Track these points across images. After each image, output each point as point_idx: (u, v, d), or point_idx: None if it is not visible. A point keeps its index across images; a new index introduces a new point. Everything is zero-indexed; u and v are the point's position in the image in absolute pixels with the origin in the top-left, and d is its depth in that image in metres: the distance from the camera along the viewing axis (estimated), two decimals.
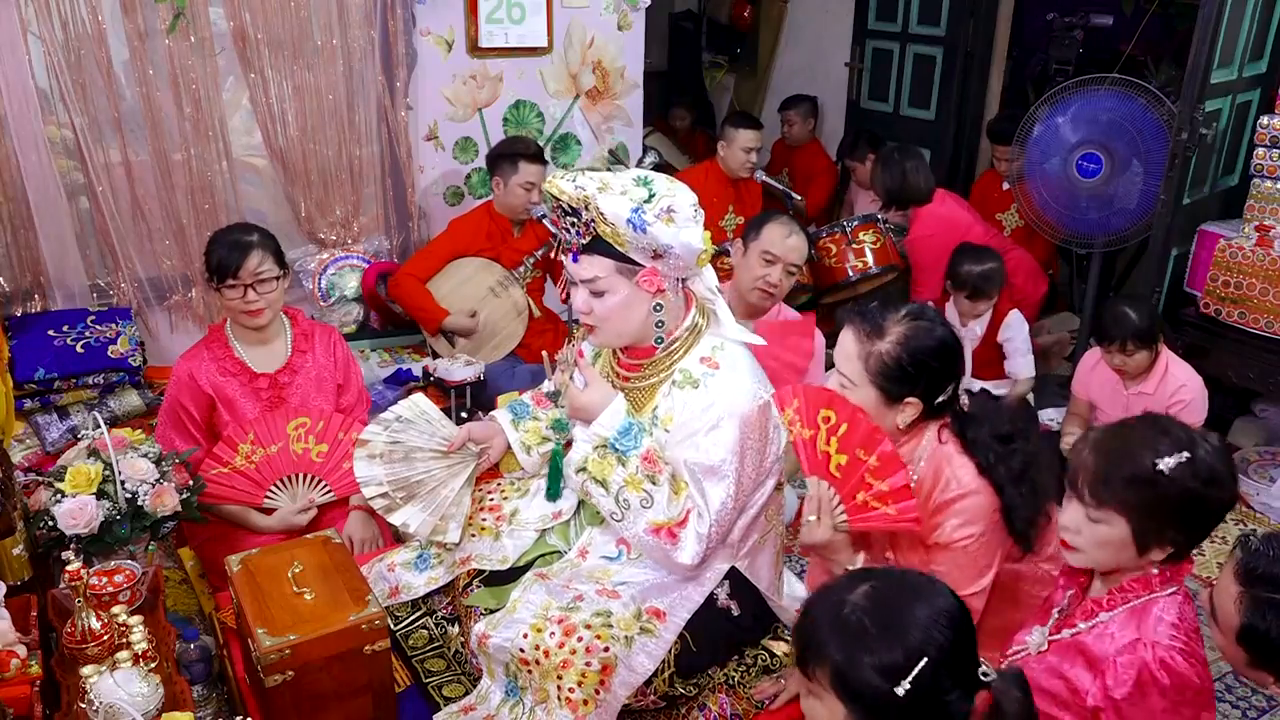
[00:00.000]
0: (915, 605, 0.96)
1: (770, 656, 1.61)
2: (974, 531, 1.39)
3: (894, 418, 1.43)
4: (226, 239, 2.00)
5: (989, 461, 1.40)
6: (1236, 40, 2.63)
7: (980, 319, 2.91)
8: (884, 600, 0.97)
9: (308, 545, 1.65)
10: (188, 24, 2.62)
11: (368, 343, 3.02)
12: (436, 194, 3.21)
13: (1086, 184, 2.82)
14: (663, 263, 1.40)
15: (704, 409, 1.44)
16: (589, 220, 1.37)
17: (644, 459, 1.43)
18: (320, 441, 2.04)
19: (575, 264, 1.43)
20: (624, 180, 1.39)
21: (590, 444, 1.45)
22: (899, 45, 4.15)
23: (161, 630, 1.61)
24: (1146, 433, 1.21)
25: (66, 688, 1.44)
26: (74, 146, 2.60)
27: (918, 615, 0.95)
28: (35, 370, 2.38)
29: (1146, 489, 1.17)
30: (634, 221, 1.35)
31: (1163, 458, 1.16)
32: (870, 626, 0.94)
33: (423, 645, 1.71)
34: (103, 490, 1.68)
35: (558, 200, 1.39)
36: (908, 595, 0.98)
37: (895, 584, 1.00)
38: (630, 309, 1.43)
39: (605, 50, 3.29)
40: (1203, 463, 1.17)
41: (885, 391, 1.42)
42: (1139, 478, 1.17)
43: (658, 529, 1.42)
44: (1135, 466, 1.17)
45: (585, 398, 1.48)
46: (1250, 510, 2.64)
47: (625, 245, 1.38)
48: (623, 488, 1.42)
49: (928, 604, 0.96)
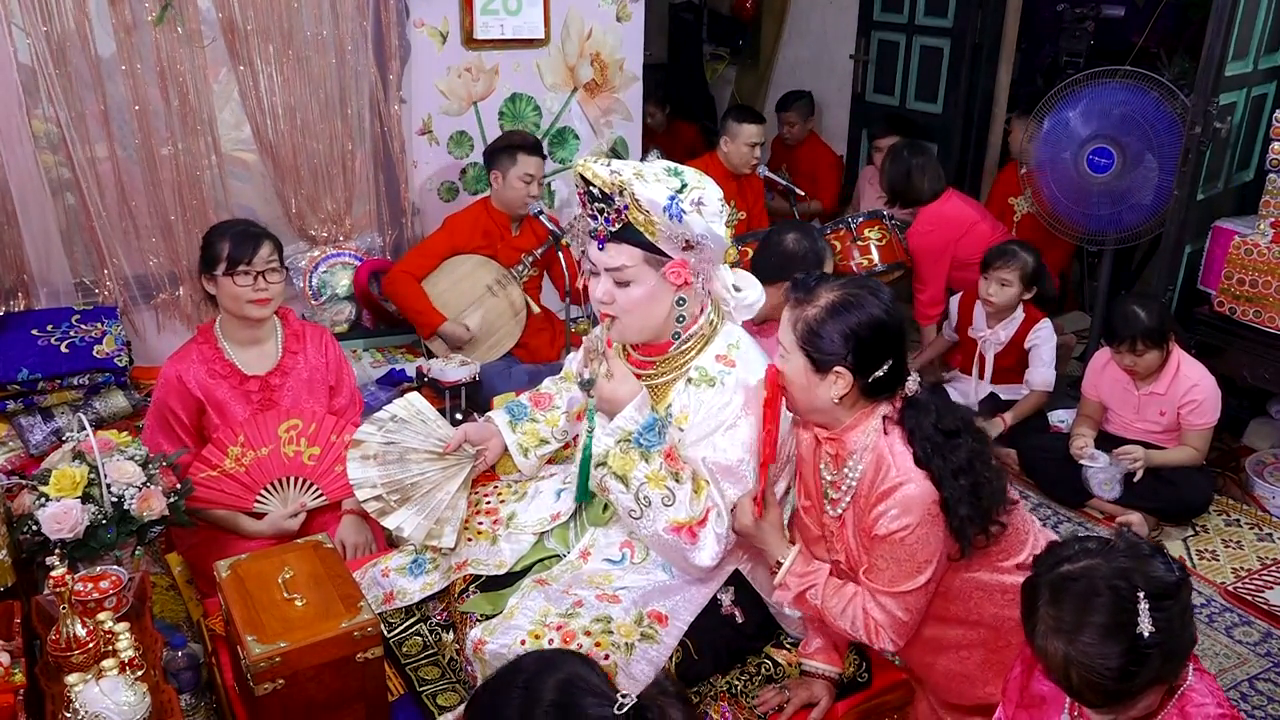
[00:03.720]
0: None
1: (773, 665, 1.58)
2: (910, 522, 1.33)
3: (826, 391, 1.37)
4: (233, 229, 1.99)
5: (927, 452, 1.34)
6: (1251, 32, 2.60)
7: (1006, 323, 2.85)
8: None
9: (299, 550, 1.63)
10: (175, 15, 2.58)
11: (360, 342, 2.99)
12: (431, 189, 3.17)
13: (1098, 179, 2.78)
14: (693, 254, 1.39)
15: (721, 407, 1.43)
16: (622, 206, 1.35)
17: (667, 456, 1.42)
18: (312, 444, 2.01)
19: (601, 252, 1.41)
20: (656, 169, 1.38)
21: (613, 438, 1.43)
22: (905, 37, 4.11)
23: (148, 637, 1.60)
24: (1096, 614, 1.07)
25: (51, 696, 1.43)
26: (59, 141, 2.56)
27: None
28: (18, 370, 2.35)
29: (1135, 667, 1.06)
30: (670, 209, 1.34)
31: (1136, 627, 1.05)
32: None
33: (417, 653, 1.69)
34: (88, 494, 1.66)
35: (589, 185, 1.37)
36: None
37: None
38: (654, 302, 1.42)
39: (604, 42, 3.25)
40: (1166, 589, 1.08)
41: (811, 359, 1.36)
42: (1126, 672, 1.06)
43: (679, 528, 1.40)
44: (1116, 668, 1.06)
45: (613, 389, 1.45)
46: (1266, 514, 2.60)
47: (656, 235, 1.36)
48: (644, 484, 1.40)
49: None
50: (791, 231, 2.41)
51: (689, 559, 1.42)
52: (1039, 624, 1.11)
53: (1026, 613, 1.14)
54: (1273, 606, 2.21)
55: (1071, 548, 1.14)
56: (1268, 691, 1.98)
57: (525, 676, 0.96)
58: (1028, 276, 2.76)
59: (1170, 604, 1.07)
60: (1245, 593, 2.27)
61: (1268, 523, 2.57)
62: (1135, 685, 1.08)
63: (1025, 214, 3.43)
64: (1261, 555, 2.43)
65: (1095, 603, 1.07)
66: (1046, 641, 1.10)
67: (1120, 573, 1.08)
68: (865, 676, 1.61)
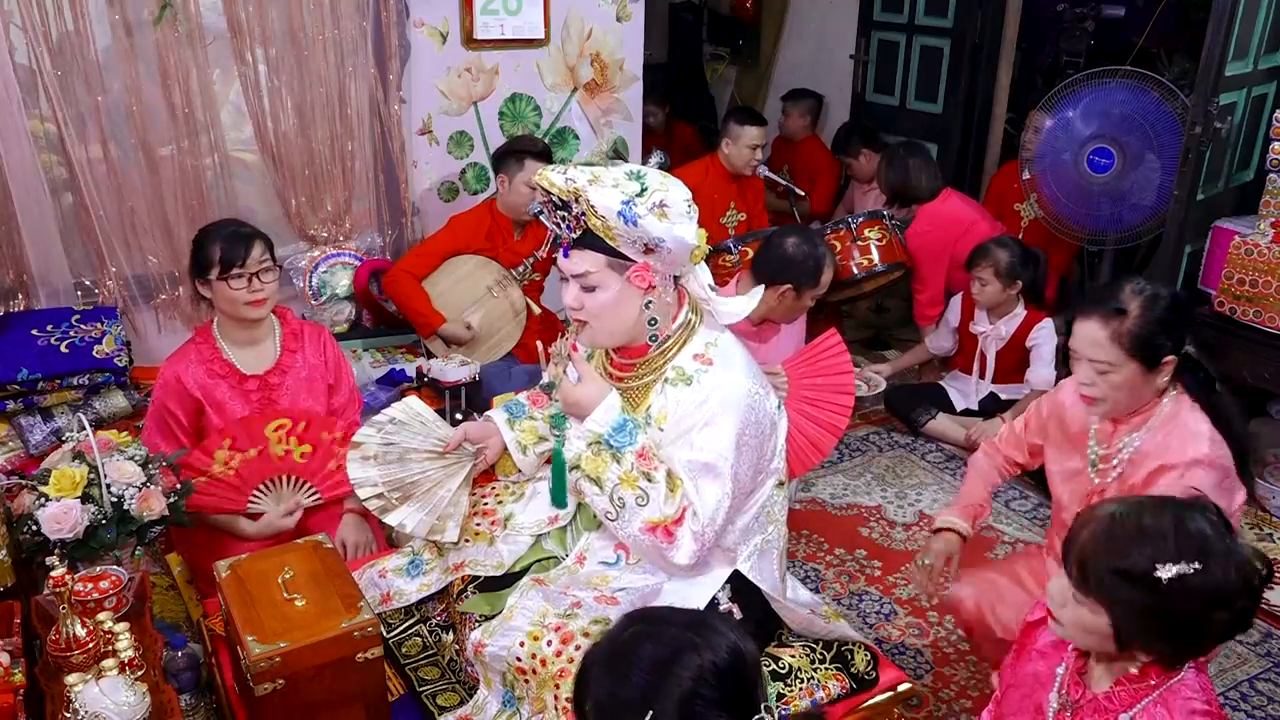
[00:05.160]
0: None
1: (775, 661, 1.57)
2: (1211, 481, 1.42)
3: (1156, 381, 1.51)
4: (222, 232, 1.97)
5: (1214, 408, 1.49)
6: (1252, 32, 2.59)
7: (1007, 319, 2.84)
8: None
9: (298, 550, 1.63)
10: (175, 14, 2.57)
11: (360, 342, 2.98)
12: (431, 189, 3.17)
13: (1098, 179, 2.78)
14: (654, 257, 1.39)
15: (698, 405, 1.42)
16: (580, 213, 1.36)
17: (639, 455, 1.41)
18: (303, 442, 2.00)
19: (566, 259, 1.42)
20: (616, 174, 1.37)
21: (584, 440, 1.43)
22: (905, 37, 4.10)
23: (148, 638, 1.59)
24: (1160, 522, 1.03)
25: (51, 696, 1.43)
26: (58, 141, 2.55)
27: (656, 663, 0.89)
28: (18, 370, 2.34)
29: (1136, 590, 1.02)
30: (625, 214, 1.33)
31: (1166, 563, 1.00)
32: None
33: (416, 653, 1.69)
34: (88, 494, 1.65)
35: (549, 193, 1.38)
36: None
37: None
38: (621, 306, 1.42)
39: (604, 42, 3.25)
40: (1212, 579, 1.00)
41: (1144, 361, 1.49)
42: (1130, 575, 1.02)
43: (654, 527, 1.40)
44: (1129, 561, 1.02)
45: (579, 392, 1.45)
46: (1266, 514, 2.60)
47: (616, 239, 1.36)
48: (617, 485, 1.40)
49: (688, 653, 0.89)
50: (792, 236, 2.41)
51: (667, 558, 1.42)
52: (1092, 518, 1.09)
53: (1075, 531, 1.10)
54: (1273, 606, 2.21)
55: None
56: (1268, 691, 1.98)
57: (698, 661, 0.88)
58: (1004, 272, 2.76)
59: (1204, 570, 1.00)
60: None
61: (1268, 523, 2.57)
62: (1123, 596, 1.03)
63: (1032, 220, 3.43)
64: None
65: (1159, 522, 1.04)
66: (1093, 511, 1.10)
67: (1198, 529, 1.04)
68: (872, 675, 1.61)
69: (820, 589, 2.29)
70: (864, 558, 2.43)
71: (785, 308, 2.41)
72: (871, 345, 3.70)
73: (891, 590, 2.30)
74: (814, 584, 2.31)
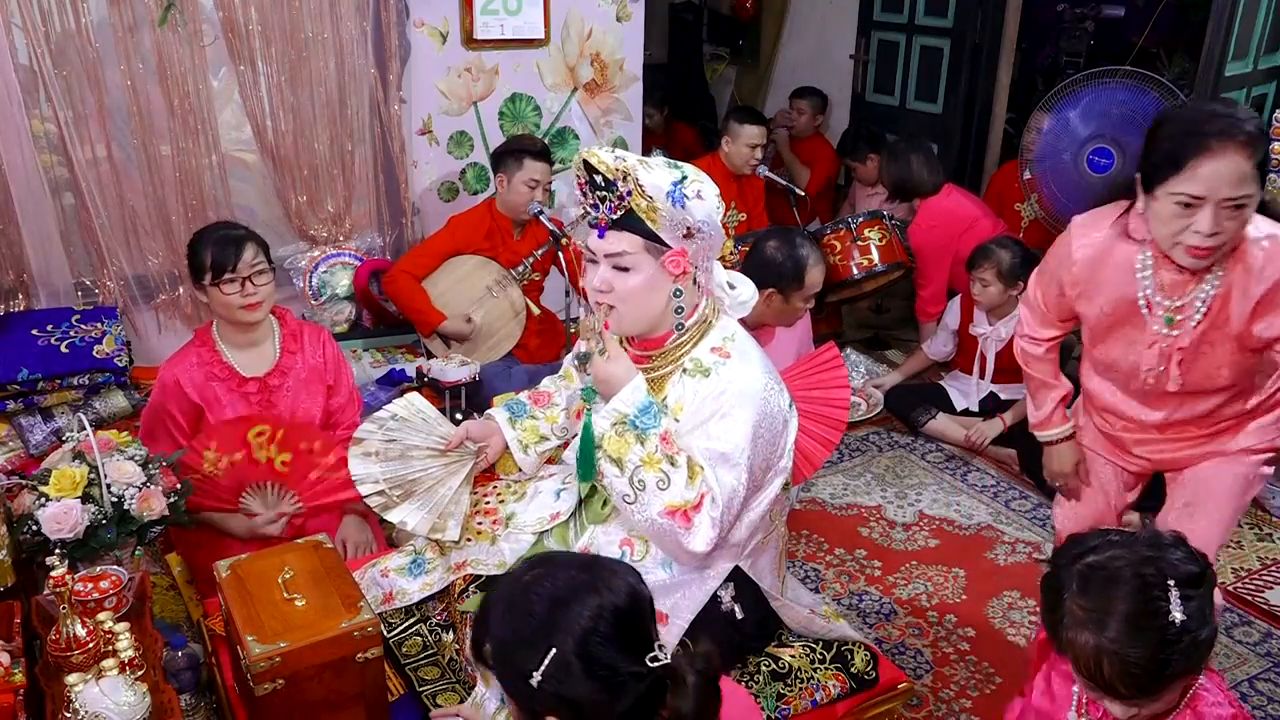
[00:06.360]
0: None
1: (775, 661, 1.57)
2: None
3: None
4: (214, 235, 1.96)
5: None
6: (1252, 32, 2.60)
7: (1007, 320, 2.84)
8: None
9: (298, 550, 1.62)
10: (178, 15, 2.57)
11: (360, 342, 2.98)
12: (431, 189, 3.17)
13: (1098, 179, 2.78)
14: (692, 243, 1.40)
15: (715, 396, 1.43)
16: (625, 193, 1.37)
17: (662, 439, 1.41)
18: (282, 450, 1.97)
19: (601, 239, 1.42)
20: (658, 160, 1.40)
21: (609, 420, 1.42)
22: (905, 37, 4.11)
23: (148, 637, 1.59)
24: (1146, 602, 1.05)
25: (51, 696, 1.43)
26: (58, 141, 2.56)
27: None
28: (18, 370, 2.34)
29: (1156, 664, 1.05)
30: (674, 195, 1.35)
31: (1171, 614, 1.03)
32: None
33: (416, 653, 1.69)
34: (88, 494, 1.66)
35: (592, 172, 1.39)
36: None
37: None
38: (652, 291, 1.42)
39: (604, 42, 3.25)
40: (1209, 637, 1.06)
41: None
42: (1150, 665, 1.04)
43: (673, 511, 1.40)
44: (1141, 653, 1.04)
45: (608, 369, 1.45)
46: (1266, 514, 2.60)
47: (658, 222, 1.37)
48: (639, 467, 1.40)
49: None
50: (773, 239, 2.37)
51: (683, 544, 1.41)
52: (1065, 616, 1.09)
53: (1050, 606, 1.11)
54: (1273, 606, 2.21)
55: (1094, 539, 1.12)
56: (1268, 691, 1.98)
57: (599, 582, 0.96)
58: (1006, 273, 2.76)
59: (1197, 593, 1.05)
60: (1245, 593, 2.26)
61: (1268, 522, 2.57)
62: (1167, 674, 1.05)
63: (1032, 220, 3.43)
64: (1261, 555, 2.43)
65: (1123, 591, 1.05)
66: (1075, 634, 1.07)
67: (1147, 561, 1.06)
68: (872, 675, 1.61)
69: (820, 589, 2.29)
70: (864, 558, 2.43)
71: (775, 312, 2.38)
72: (871, 345, 3.70)
73: (891, 590, 2.29)
74: (814, 584, 2.31)
